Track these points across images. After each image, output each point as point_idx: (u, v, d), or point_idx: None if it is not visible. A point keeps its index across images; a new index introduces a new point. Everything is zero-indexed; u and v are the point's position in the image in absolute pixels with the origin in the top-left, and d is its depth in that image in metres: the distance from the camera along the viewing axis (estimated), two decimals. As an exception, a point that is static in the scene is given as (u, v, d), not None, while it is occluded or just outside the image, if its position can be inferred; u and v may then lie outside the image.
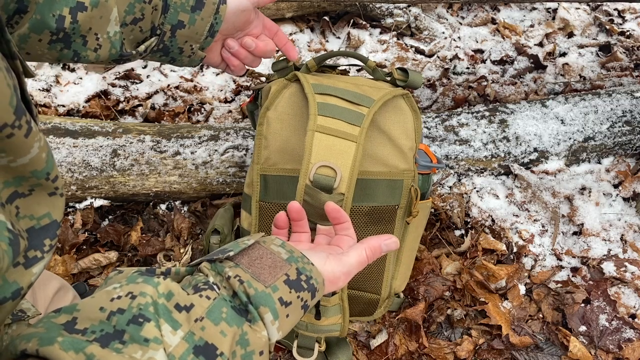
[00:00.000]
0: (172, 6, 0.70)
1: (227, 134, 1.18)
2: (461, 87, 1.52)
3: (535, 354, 0.98)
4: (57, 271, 1.06)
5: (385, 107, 0.83)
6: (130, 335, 0.40)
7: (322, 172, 0.74)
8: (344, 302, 0.81)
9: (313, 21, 1.79)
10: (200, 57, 0.77)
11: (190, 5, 0.71)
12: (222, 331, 0.44)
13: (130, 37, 0.70)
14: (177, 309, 0.43)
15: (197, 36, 0.73)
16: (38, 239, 0.42)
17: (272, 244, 0.55)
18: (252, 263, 0.51)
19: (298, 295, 0.51)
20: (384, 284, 0.89)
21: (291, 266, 0.52)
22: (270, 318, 0.48)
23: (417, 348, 0.99)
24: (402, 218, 0.86)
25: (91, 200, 1.16)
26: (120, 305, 0.42)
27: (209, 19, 0.72)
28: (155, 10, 0.69)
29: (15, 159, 0.38)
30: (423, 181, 0.90)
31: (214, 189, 1.18)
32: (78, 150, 1.14)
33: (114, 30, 0.66)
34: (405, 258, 0.92)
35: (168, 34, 0.72)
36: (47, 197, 0.43)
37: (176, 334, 0.42)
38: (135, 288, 0.43)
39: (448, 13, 1.83)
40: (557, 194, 1.20)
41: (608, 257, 1.10)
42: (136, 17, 0.68)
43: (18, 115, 0.36)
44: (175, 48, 0.74)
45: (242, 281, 0.48)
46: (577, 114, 1.26)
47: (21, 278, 0.40)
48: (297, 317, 0.52)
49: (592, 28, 1.76)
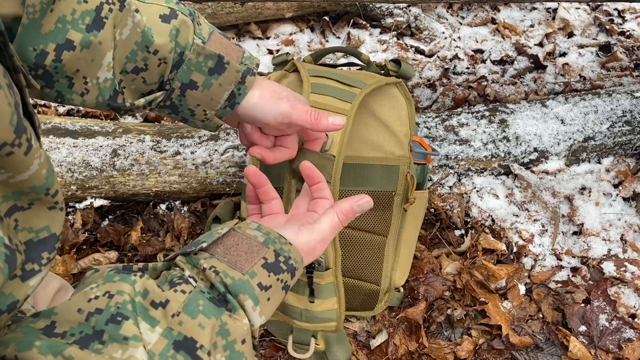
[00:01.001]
0: (186, 63, 0.61)
1: (227, 134, 1.18)
2: (461, 87, 1.52)
3: (535, 354, 0.98)
4: (57, 271, 1.06)
5: (380, 94, 0.85)
6: (109, 334, 0.40)
7: None
8: (338, 283, 0.78)
9: (313, 21, 1.79)
10: (216, 124, 0.67)
11: (208, 66, 0.62)
12: (200, 324, 0.44)
13: (132, 86, 0.62)
14: (153, 306, 0.43)
15: (212, 102, 0.63)
16: (36, 251, 0.42)
17: (248, 228, 0.54)
18: (227, 251, 0.50)
19: (277, 277, 0.51)
20: (384, 273, 0.89)
21: (268, 249, 0.52)
22: (251, 304, 0.47)
23: (417, 348, 0.99)
24: (400, 205, 0.87)
25: (91, 200, 1.16)
26: (98, 305, 0.42)
27: (228, 87, 0.63)
28: (165, 63, 0.60)
29: (14, 175, 0.38)
30: (419, 171, 0.92)
31: (214, 189, 1.18)
32: (78, 150, 1.14)
33: (105, 76, 0.58)
34: (404, 249, 0.93)
35: (177, 91, 0.62)
36: (47, 211, 0.43)
37: (154, 330, 0.42)
38: (112, 287, 0.43)
39: (448, 13, 1.83)
40: (557, 194, 1.20)
41: (608, 257, 1.10)
42: (138, 67, 0.60)
43: (18, 134, 0.36)
44: (185, 109, 0.64)
45: (217, 272, 0.48)
46: (577, 113, 1.26)
47: (17, 291, 0.40)
48: (279, 298, 0.52)
49: (592, 28, 1.76)
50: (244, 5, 1.65)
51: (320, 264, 0.76)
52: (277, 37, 1.75)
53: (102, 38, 0.56)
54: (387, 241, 0.89)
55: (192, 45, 0.61)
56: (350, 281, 0.89)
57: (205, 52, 0.61)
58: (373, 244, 0.87)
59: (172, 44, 0.60)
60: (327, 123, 0.64)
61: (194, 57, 0.61)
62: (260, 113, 0.64)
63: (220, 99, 0.63)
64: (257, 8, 1.68)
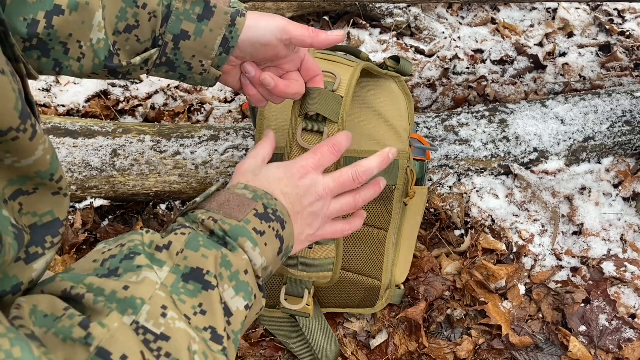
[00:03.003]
0: (174, 13, 0.61)
1: (227, 134, 1.18)
2: (461, 87, 1.52)
3: (535, 354, 0.98)
4: (57, 271, 1.06)
5: (379, 89, 0.85)
6: (124, 268, 0.44)
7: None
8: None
9: (313, 21, 1.79)
10: (214, 75, 0.66)
11: (196, 13, 0.61)
12: (203, 255, 0.47)
13: (127, 47, 0.62)
14: (158, 250, 0.47)
15: (206, 50, 0.63)
16: (40, 235, 0.43)
17: (236, 188, 0.58)
18: (221, 206, 0.54)
19: (269, 225, 0.55)
20: (385, 268, 0.89)
21: (257, 202, 0.56)
22: (250, 246, 0.51)
23: (417, 348, 0.99)
24: (400, 200, 0.87)
25: (91, 200, 1.16)
26: (112, 253, 0.46)
27: (220, 31, 0.62)
28: (154, 17, 0.60)
29: (20, 160, 0.39)
30: (419, 167, 0.92)
31: (214, 189, 1.18)
32: (78, 150, 1.14)
33: (97, 37, 0.58)
34: (404, 245, 0.93)
35: (171, 45, 0.62)
36: (51, 196, 0.44)
37: (162, 270, 0.45)
38: (123, 240, 0.47)
39: (448, 13, 1.83)
40: (557, 194, 1.20)
41: (608, 257, 1.10)
42: (130, 25, 0.60)
43: (23, 119, 0.37)
44: (181, 63, 0.64)
45: (215, 220, 0.52)
46: (577, 114, 1.26)
47: (22, 273, 0.41)
48: (275, 246, 0.55)
49: (592, 28, 1.76)
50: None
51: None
52: (277, 37, 1.75)
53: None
54: (388, 236, 0.89)
55: None
56: (351, 275, 0.89)
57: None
58: (374, 238, 0.87)
59: None
60: (326, 36, 0.65)
61: (181, 6, 0.61)
62: (257, 33, 0.63)
63: (214, 45, 0.63)
64: (257, 8, 1.68)
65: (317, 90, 0.71)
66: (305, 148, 0.69)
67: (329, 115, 0.70)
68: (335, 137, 0.67)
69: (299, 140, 0.70)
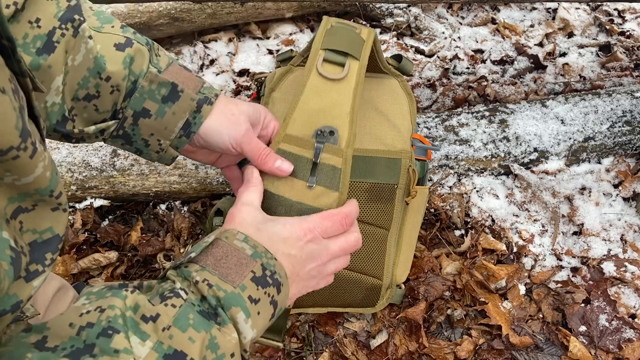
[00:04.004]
0: (138, 90, 0.60)
1: (227, 134, 1.18)
2: (461, 87, 1.52)
3: (535, 354, 0.98)
4: (57, 271, 1.06)
5: (381, 89, 0.85)
6: (100, 348, 0.41)
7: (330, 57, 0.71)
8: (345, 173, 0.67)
9: (313, 21, 1.79)
10: (171, 155, 0.66)
11: (161, 94, 0.61)
12: (190, 337, 0.44)
13: (84, 114, 0.61)
14: (143, 320, 0.44)
15: (166, 132, 0.63)
16: (40, 252, 0.42)
17: (235, 239, 0.54)
18: (217, 264, 0.51)
19: (265, 291, 0.52)
20: (386, 267, 0.89)
21: (256, 262, 0.52)
22: (243, 317, 0.48)
23: (417, 348, 0.99)
24: (402, 200, 0.87)
25: (91, 200, 1.16)
26: (89, 320, 0.42)
27: (183, 115, 0.62)
28: (117, 91, 0.60)
29: (20, 178, 0.39)
30: (420, 167, 0.92)
31: (214, 189, 1.18)
32: (78, 150, 1.14)
33: (53, 100, 0.58)
34: (405, 245, 0.93)
35: (130, 120, 0.62)
36: (50, 212, 0.43)
37: (145, 344, 0.42)
38: (104, 302, 0.44)
39: (448, 13, 1.83)
40: (557, 194, 1.20)
41: (608, 257, 1.10)
42: (90, 94, 0.59)
43: (24, 138, 0.37)
44: (138, 139, 0.63)
45: (210, 285, 0.48)
46: (577, 114, 1.26)
47: (21, 291, 0.40)
48: (268, 314, 0.52)
49: (592, 28, 1.76)
50: (244, 5, 1.65)
51: (332, 133, 0.66)
52: (277, 37, 1.75)
53: (52, 62, 0.56)
54: (389, 235, 0.89)
55: (146, 73, 0.61)
56: (352, 274, 0.89)
57: (159, 80, 0.61)
58: (375, 237, 0.87)
59: (126, 72, 0.60)
60: (272, 166, 0.64)
61: (146, 85, 0.61)
62: (215, 138, 0.64)
63: (175, 127, 0.63)
64: (257, 8, 1.68)
65: (341, 27, 0.70)
66: (325, 76, 0.68)
67: (351, 51, 0.69)
68: (347, 208, 0.63)
69: (319, 67, 0.68)
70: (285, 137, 0.67)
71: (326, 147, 0.66)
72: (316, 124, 0.67)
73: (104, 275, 1.10)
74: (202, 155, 0.71)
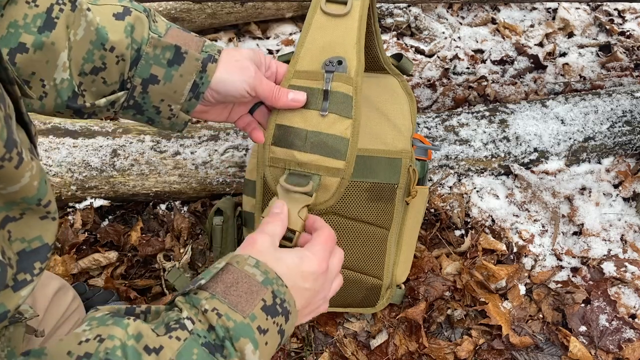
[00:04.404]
0: (144, 57, 0.60)
1: (227, 134, 1.18)
2: (461, 87, 1.52)
3: (535, 354, 0.98)
4: (57, 271, 1.06)
5: (381, 89, 0.85)
6: None
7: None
8: (357, 100, 0.67)
9: (313, 21, 1.79)
10: (183, 120, 0.66)
11: (166, 58, 0.61)
12: None
13: (93, 88, 0.61)
14: (146, 351, 0.43)
15: (175, 95, 0.63)
16: (28, 261, 0.42)
17: (246, 264, 0.52)
18: (228, 291, 0.49)
19: (274, 321, 0.50)
20: (386, 267, 0.89)
21: (267, 290, 0.50)
22: (251, 348, 0.47)
23: (417, 348, 0.99)
24: (402, 200, 0.87)
25: (91, 200, 1.16)
26: (87, 349, 0.42)
27: (190, 77, 0.62)
28: (122, 60, 0.60)
29: (6, 187, 0.38)
30: (420, 167, 0.92)
31: (214, 189, 1.18)
32: (78, 150, 1.14)
33: (61, 77, 0.58)
34: (405, 245, 0.93)
35: (139, 88, 0.62)
36: (39, 221, 0.43)
37: None
38: (104, 330, 0.43)
39: (448, 13, 1.83)
40: (557, 194, 1.20)
41: (608, 257, 1.10)
42: (96, 66, 0.59)
43: (9, 148, 0.36)
44: (149, 107, 0.63)
45: (220, 314, 0.47)
46: (577, 114, 1.26)
47: (8, 301, 0.40)
48: (275, 343, 0.51)
49: (592, 28, 1.76)
50: (244, 5, 1.65)
51: (341, 62, 0.67)
52: (277, 37, 1.75)
53: (55, 38, 0.56)
54: (390, 235, 0.89)
55: (148, 39, 0.61)
56: (353, 274, 0.89)
57: (162, 44, 0.61)
58: (375, 237, 0.87)
59: (128, 40, 0.60)
60: (286, 100, 0.65)
61: (151, 51, 0.61)
62: (226, 87, 0.64)
63: (184, 90, 0.63)
64: (257, 8, 1.68)
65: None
66: (329, 13, 0.69)
67: None
68: (327, 225, 0.63)
69: (323, 6, 0.70)
70: (295, 73, 0.68)
71: (336, 76, 0.66)
72: (324, 57, 0.68)
73: (104, 275, 1.10)
74: (216, 112, 0.71)
